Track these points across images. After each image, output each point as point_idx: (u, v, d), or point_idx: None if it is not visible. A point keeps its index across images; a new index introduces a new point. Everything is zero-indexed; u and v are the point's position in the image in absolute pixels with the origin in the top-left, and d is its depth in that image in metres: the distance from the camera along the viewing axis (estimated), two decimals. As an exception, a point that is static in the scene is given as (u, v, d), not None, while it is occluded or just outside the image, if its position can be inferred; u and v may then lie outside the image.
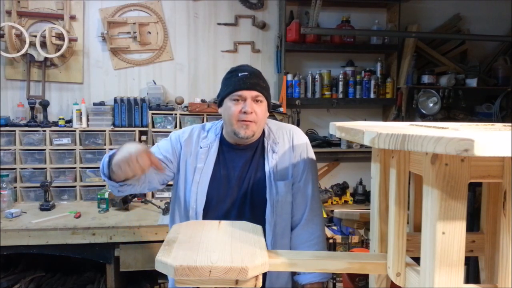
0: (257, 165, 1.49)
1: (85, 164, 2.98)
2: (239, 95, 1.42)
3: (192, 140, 1.51)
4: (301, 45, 3.25)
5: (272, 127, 1.57)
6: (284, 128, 1.58)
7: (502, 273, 0.82)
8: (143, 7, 3.21)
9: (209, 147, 1.50)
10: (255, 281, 0.92)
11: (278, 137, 1.54)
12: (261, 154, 1.51)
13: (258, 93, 1.44)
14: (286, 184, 1.49)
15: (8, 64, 3.09)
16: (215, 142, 1.51)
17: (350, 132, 0.89)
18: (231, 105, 1.43)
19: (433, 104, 3.34)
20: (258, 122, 1.44)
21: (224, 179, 1.47)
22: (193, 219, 1.44)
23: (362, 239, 2.59)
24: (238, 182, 1.47)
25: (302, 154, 1.54)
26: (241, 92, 1.42)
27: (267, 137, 1.53)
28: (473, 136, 0.62)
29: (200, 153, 1.49)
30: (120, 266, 2.46)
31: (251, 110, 1.41)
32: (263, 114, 1.46)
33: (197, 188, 1.45)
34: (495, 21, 3.57)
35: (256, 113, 1.43)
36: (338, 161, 3.56)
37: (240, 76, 1.44)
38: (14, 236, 2.37)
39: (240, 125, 1.42)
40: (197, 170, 1.47)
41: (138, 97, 3.09)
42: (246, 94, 1.42)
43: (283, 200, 1.48)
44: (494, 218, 0.99)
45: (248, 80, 1.44)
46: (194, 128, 1.56)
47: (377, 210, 1.01)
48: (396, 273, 0.93)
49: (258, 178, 1.47)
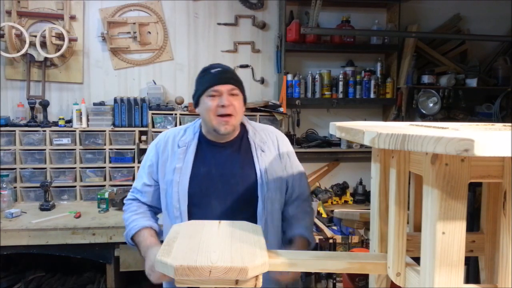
0: (243, 162, 1.50)
1: (85, 164, 2.98)
2: (215, 90, 1.45)
3: (168, 144, 1.53)
4: (301, 45, 3.25)
5: (256, 127, 1.59)
6: (268, 130, 1.61)
7: (502, 273, 0.82)
8: (143, 7, 3.22)
9: (187, 146, 1.51)
10: (255, 281, 0.91)
11: (265, 136, 1.56)
12: (247, 151, 1.52)
13: (233, 86, 1.47)
14: (277, 184, 1.51)
15: (8, 64, 3.09)
16: (193, 140, 1.52)
17: (350, 132, 0.89)
18: (207, 101, 1.45)
19: (433, 104, 3.34)
20: (237, 115, 1.47)
21: (206, 176, 1.48)
22: (178, 219, 1.45)
23: (362, 239, 2.59)
24: (221, 178, 1.48)
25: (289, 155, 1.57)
26: (216, 87, 1.45)
27: (252, 136, 1.54)
28: (473, 136, 0.62)
29: (178, 153, 1.50)
30: (120, 266, 2.47)
31: (228, 103, 1.44)
32: (240, 107, 1.48)
33: (178, 188, 1.46)
34: (495, 21, 3.57)
35: (234, 106, 1.45)
36: (338, 161, 3.56)
37: (213, 72, 1.48)
38: (14, 236, 2.37)
39: (219, 122, 1.44)
40: (176, 170, 1.48)
41: (138, 97, 3.09)
42: (221, 88, 1.45)
43: (274, 198, 1.50)
44: (494, 218, 0.99)
45: (222, 75, 1.48)
46: (169, 132, 1.58)
47: (377, 210, 1.01)
48: (396, 273, 0.93)
49: (247, 175, 1.48)
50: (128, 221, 1.53)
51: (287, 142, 1.61)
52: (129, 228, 1.51)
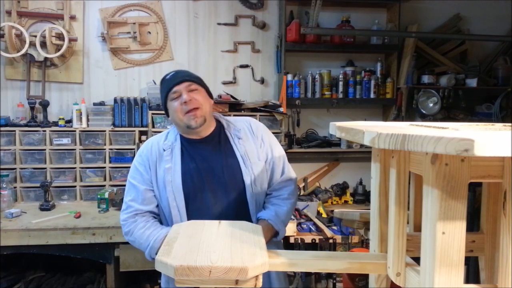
0: (226, 153, 1.56)
1: (85, 164, 2.98)
2: (174, 91, 1.51)
3: (153, 150, 1.57)
4: (301, 45, 3.25)
5: (230, 119, 1.66)
6: (241, 119, 1.68)
7: (502, 273, 0.82)
8: (143, 7, 3.22)
9: (172, 148, 1.56)
10: (255, 281, 0.92)
11: (239, 124, 1.63)
12: (225, 142, 1.58)
13: (189, 82, 1.53)
14: (259, 164, 1.56)
15: (8, 64, 3.09)
16: (176, 142, 1.57)
17: (350, 132, 0.89)
18: (172, 104, 1.52)
19: (433, 104, 3.34)
20: (202, 106, 1.52)
21: (195, 171, 1.52)
22: (177, 217, 1.48)
23: (362, 239, 2.59)
24: (209, 171, 1.52)
25: (263, 136, 1.62)
26: (174, 88, 1.51)
27: (228, 128, 1.61)
28: (473, 136, 0.62)
29: (165, 155, 1.54)
30: (120, 266, 2.46)
31: (189, 98, 1.49)
32: (203, 99, 1.54)
33: (172, 187, 1.49)
34: (495, 21, 3.57)
35: (196, 99, 1.51)
36: (338, 161, 3.56)
37: (168, 78, 1.57)
38: (14, 236, 2.37)
39: (188, 118, 1.50)
40: (166, 171, 1.52)
41: (138, 97, 3.09)
42: (179, 88, 1.51)
43: (259, 178, 1.54)
44: (494, 218, 0.99)
45: (176, 76, 1.55)
46: (150, 140, 1.63)
47: (377, 210, 1.01)
48: (396, 273, 0.93)
49: (231, 164, 1.54)
50: (142, 239, 1.46)
51: (261, 125, 1.67)
52: (150, 243, 1.44)
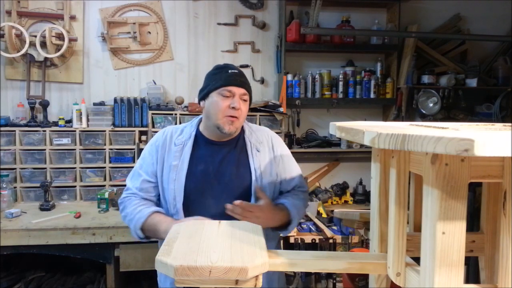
0: (239, 161, 1.51)
1: (85, 164, 2.98)
2: (229, 90, 1.46)
3: (166, 141, 1.54)
4: (301, 45, 3.25)
5: (253, 127, 1.61)
6: (264, 131, 1.63)
7: (502, 273, 0.82)
8: (143, 7, 3.21)
9: (183, 145, 1.52)
10: (255, 281, 0.91)
11: (261, 136, 1.58)
12: (242, 150, 1.54)
13: (246, 91, 1.49)
14: (270, 180, 1.52)
15: (8, 64, 3.09)
16: (189, 139, 1.53)
17: (350, 132, 0.89)
18: (219, 100, 1.46)
19: (433, 104, 3.34)
20: (242, 120, 1.49)
21: (202, 174, 1.49)
22: (175, 216, 1.46)
23: (362, 239, 2.59)
24: (216, 176, 1.49)
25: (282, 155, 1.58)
26: (231, 87, 1.46)
27: (249, 135, 1.56)
28: (473, 136, 0.62)
29: (174, 151, 1.51)
30: (120, 266, 2.46)
31: (239, 106, 1.45)
32: (246, 112, 1.51)
33: (174, 186, 1.47)
34: (495, 21, 3.57)
35: (242, 111, 1.47)
36: (338, 161, 3.56)
37: (230, 73, 1.48)
38: (14, 236, 2.37)
39: (226, 120, 1.45)
40: (172, 168, 1.49)
41: (138, 97, 3.09)
42: (235, 90, 1.46)
43: (268, 193, 1.51)
44: (494, 218, 0.99)
45: (238, 77, 1.48)
46: (166, 130, 1.59)
47: (377, 210, 1.01)
48: (396, 273, 0.93)
49: (242, 174, 1.50)
50: (132, 215, 1.45)
51: (282, 144, 1.63)
52: (136, 218, 1.43)
